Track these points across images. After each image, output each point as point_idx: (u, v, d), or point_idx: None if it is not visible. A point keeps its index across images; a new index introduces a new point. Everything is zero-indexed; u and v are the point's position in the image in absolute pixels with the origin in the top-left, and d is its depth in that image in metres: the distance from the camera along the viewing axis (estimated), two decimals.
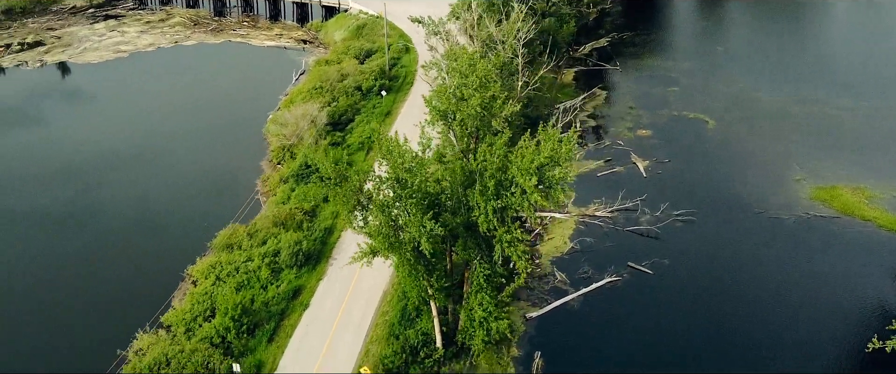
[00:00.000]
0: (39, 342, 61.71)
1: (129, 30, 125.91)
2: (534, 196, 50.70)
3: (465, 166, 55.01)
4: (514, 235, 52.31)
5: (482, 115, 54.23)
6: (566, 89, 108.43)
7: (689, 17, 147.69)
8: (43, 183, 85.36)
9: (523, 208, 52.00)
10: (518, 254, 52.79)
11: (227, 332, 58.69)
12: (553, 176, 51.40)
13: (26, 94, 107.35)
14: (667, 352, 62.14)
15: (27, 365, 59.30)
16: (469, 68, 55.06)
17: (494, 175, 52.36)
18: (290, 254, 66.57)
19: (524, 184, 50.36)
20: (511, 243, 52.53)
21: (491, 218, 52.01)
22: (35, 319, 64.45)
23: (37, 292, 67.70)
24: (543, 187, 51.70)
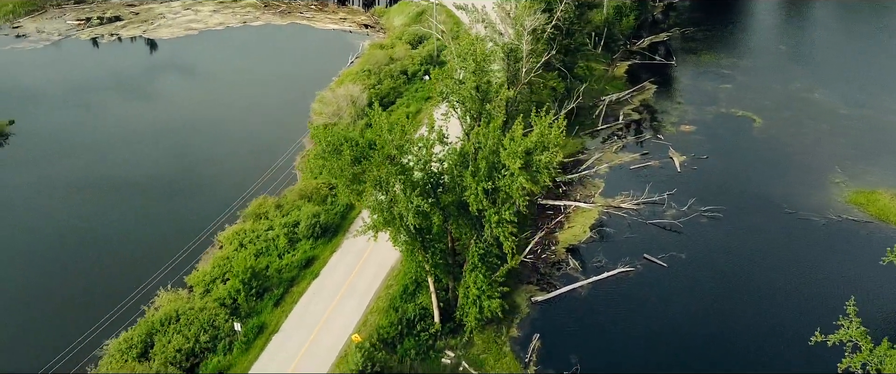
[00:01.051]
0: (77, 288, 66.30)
1: (203, 9, 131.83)
2: (519, 179, 52.07)
3: (463, 148, 56.81)
4: (503, 216, 53.83)
5: (478, 98, 55.72)
6: (616, 82, 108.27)
7: (762, 15, 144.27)
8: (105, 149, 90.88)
9: (512, 191, 53.40)
10: (505, 235, 54.32)
11: (237, 294, 62.15)
12: (540, 160, 52.55)
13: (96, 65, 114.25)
14: (663, 343, 62.44)
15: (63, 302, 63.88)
16: (468, 52, 56.58)
17: (487, 157, 53.95)
18: (307, 226, 69.64)
19: (511, 166, 51.77)
20: (499, 224, 54.11)
21: (481, 198, 53.62)
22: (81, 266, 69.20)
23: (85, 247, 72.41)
24: (530, 170, 52.97)
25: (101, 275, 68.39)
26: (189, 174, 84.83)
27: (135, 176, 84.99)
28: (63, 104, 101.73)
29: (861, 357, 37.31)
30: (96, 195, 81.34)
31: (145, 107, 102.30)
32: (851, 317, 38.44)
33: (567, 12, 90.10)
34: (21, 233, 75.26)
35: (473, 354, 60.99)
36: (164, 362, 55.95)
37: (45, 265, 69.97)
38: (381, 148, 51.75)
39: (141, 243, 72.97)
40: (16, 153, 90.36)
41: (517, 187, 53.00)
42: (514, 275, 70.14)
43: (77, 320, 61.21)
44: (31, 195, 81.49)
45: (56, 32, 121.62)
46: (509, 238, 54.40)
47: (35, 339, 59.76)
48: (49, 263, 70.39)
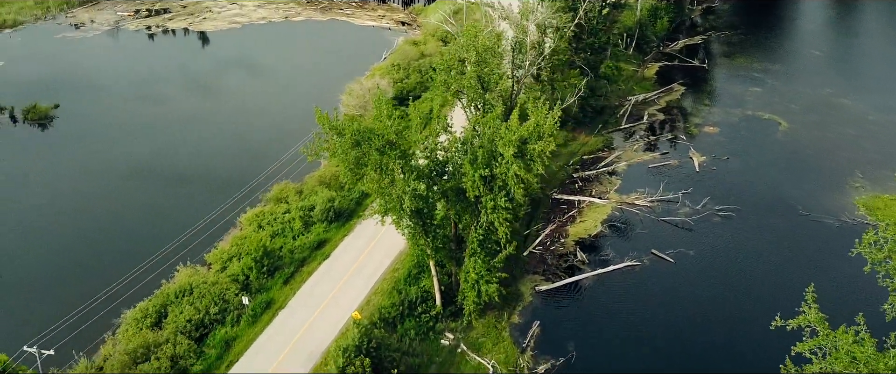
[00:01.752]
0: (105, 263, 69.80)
1: (248, 4, 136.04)
2: (513, 166, 53.90)
3: (466, 136, 58.81)
4: (498, 202, 55.73)
5: (480, 87, 57.68)
6: (645, 83, 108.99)
7: (802, 20, 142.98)
8: (145, 132, 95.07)
9: (508, 178, 55.24)
10: (500, 220, 56.21)
11: (249, 271, 65.09)
12: (534, 149, 54.28)
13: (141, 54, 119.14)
14: (660, 334, 63.62)
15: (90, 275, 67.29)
16: (470, 43, 58.52)
17: (484, 145, 55.89)
18: (322, 210, 72.37)
19: (505, 153, 53.64)
20: (494, 209, 56.01)
21: (478, 184, 55.56)
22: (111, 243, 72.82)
23: (117, 225, 76.14)
24: (525, 158, 54.74)
25: (128, 252, 71.72)
26: (220, 158, 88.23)
27: (170, 159, 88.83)
28: (107, 90, 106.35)
29: (817, 341, 38.27)
30: (132, 176, 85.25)
31: (186, 93, 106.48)
32: (809, 303, 39.37)
33: (592, 12, 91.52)
34: (57, 210, 79.39)
35: (472, 337, 62.90)
36: (174, 331, 59.00)
37: (80, 240, 73.90)
38: (381, 134, 54.09)
39: (169, 222, 76.13)
40: (58, 135, 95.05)
41: (512, 175, 54.90)
42: (521, 265, 72.03)
43: (101, 292, 64.66)
44: (72, 175, 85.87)
45: (107, 23, 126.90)
46: (503, 224, 56.29)
47: (62, 309, 62.95)
48: (83, 238, 74.30)
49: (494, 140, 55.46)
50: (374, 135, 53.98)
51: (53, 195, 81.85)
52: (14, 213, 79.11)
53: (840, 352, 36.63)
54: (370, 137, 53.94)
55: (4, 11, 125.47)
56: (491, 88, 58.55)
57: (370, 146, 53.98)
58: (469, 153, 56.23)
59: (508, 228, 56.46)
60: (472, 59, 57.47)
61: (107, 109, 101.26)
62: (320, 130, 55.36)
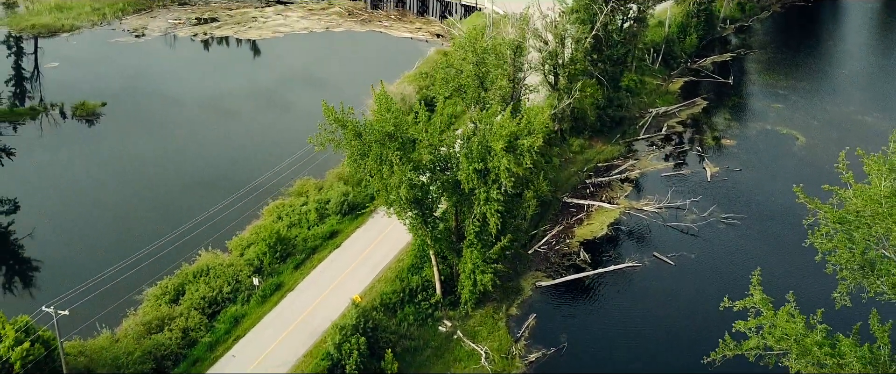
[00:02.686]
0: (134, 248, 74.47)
1: (292, 14, 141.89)
2: (503, 159, 57.24)
3: (465, 132, 62.36)
4: (490, 194, 59.08)
5: (477, 86, 61.24)
6: (668, 96, 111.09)
7: (835, 40, 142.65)
8: (185, 127, 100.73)
9: (500, 172, 58.56)
10: (492, 212, 59.50)
11: (264, 256, 69.38)
12: (522, 143, 57.56)
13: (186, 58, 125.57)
14: (649, 329, 66.17)
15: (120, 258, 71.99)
16: (470, 45, 62.20)
17: (480, 140, 59.32)
18: (336, 203, 76.50)
19: (495, 147, 57.05)
20: (487, 201, 59.35)
21: (472, 177, 58.98)
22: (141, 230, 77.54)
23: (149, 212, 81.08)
24: (515, 153, 58.03)
25: (156, 236, 76.42)
26: (249, 154, 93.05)
27: (205, 154, 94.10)
28: (154, 90, 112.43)
29: (758, 320, 40.63)
30: (167, 169, 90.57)
31: (226, 94, 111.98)
32: (755, 286, 41.81)
33: (612, 25, 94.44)
34: (93, 197, 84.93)
35: (469, 325, 66.12)
36: (190, 306, 63.48)
37: (112, 225, 79.14)
38: (382, 126, 58.01)
39: (198, 211, 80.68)
40: (103, 130, 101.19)
41: (503, 168, 58.23)
42: (525, 262, 75.10)
43: (129, 271, 69.34)
44: (111, 165, 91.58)
45: (158, 29, 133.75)
46: (495, 215, 59.57)
47: (91, 284, 67.72)
48: (115, 223, 79.51)
49: (486, 135, 59.00)
50: (373, 127, 57.96)
51: (92, 183, 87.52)
52: (56, 197, 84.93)
53: (776, 329, 39.02)
54: (370, 129, 57.95)
55: (63, 17, 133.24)
56: (488, 86, 61.98)
57: (370, 137, 57.97)
58: (464, 147, 59.74)
59: (499, 219, 59.70)
60: (471, 59, 61.02)
61: (152, 107, 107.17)
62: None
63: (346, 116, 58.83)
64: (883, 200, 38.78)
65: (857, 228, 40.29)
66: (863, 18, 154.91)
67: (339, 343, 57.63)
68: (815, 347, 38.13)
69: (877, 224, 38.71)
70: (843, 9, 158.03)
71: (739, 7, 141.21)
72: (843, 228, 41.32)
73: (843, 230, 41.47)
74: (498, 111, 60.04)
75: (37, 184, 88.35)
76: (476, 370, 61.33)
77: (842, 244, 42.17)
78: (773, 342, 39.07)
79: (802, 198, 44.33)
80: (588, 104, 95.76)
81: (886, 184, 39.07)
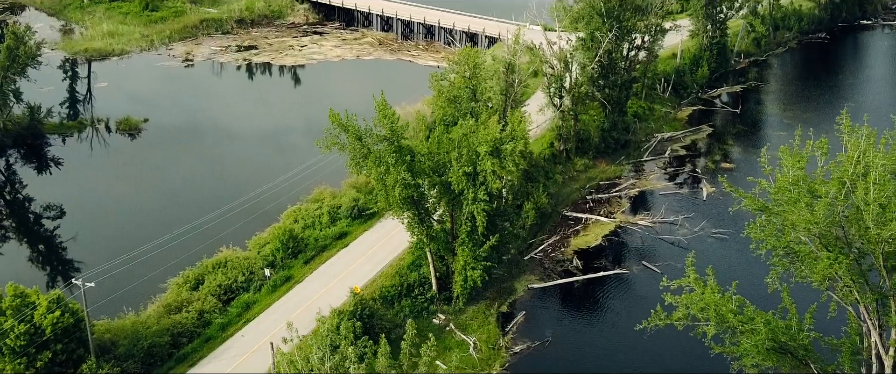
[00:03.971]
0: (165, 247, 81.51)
1: (326, 43, 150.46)
2: (487, 162, 63.40)
3: (456, 138, 68.70)
4: (477, 195, 65.14)
5: (469, 97, 67.70)
6: (675, 123, 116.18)
7: (845, 74, 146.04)
8: (218, 142, 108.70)
9: (486, 174, 64.68)
10: (478, 211, 65.49)
11: (277, 252, 76.12)
12: (506, 148, 63.70)
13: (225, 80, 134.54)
14: (630, 327, 70.92)
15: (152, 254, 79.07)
16: (464, 60, 68.77)
17: (469, 145, 65.63)
18: (347, 207, 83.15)
19: (480, 151, 63.27)
20: (474, 201, 65.40)
21: (461, 179, 65.18)
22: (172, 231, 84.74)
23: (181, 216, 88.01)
24: (499, 157, 64.18)
25: (184, 237, 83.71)
26: (274, 166, 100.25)
27: (236, 166, 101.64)
28: (193, 108, 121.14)
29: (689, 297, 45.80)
30: (199, 177, 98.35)
31: (260, 113, 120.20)
32: (689, 266, 47.10)
33: (616, 53, 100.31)
34: (131, 202, 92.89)
35: (462, 319, 71.77)
36: (207, 293, 70.36)
37: (144, 226, 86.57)
38: (380, 130, 64.68)
39: (223, 214, 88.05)
40: (144, 143, 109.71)
41: (488, 171, 64.38)
42: (521, 266, 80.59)
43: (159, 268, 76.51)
44: (148, 174, 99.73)
45: (202, 55, 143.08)
46: (481, 214, 65.54)
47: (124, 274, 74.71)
48: (147, 224, 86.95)
49: (473, 141, 65.35)
50: (371, 131, 64.67)
51: (130, 188, 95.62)
52: (96, 200, 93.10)
53: (700, 300, 44.35)
54: (369, 132, 64.66)
55: (114, 42, 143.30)
56: (479, 97, 68.42)
57: (369, 140, 64.66)
58: (455, 151, 66.04)
59: (485, 218, 65.66)
60: (465, 74, 67.59)
61: (190, 123, 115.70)
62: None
63: (348, 122, 65.66)
64: (790, 186, 43.93)
65: (775, 214, 45.42)
66: (880, 52, 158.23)
67: (336, 326, 63.64)
68: (730, 314, 43.30)
69: (788, 210, 43.82)
70: (862, 43, 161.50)
71: (755, 43, 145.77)
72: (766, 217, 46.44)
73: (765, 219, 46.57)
74: (486, 121, 66.28)
75: (81, 189, 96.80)
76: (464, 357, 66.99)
77: (769, 233, 47.28)
78: (697, 312, 44.30)
79: (728, 188, 49.54)
80: (592, 126, 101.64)
81: (794, 172, 44.13)
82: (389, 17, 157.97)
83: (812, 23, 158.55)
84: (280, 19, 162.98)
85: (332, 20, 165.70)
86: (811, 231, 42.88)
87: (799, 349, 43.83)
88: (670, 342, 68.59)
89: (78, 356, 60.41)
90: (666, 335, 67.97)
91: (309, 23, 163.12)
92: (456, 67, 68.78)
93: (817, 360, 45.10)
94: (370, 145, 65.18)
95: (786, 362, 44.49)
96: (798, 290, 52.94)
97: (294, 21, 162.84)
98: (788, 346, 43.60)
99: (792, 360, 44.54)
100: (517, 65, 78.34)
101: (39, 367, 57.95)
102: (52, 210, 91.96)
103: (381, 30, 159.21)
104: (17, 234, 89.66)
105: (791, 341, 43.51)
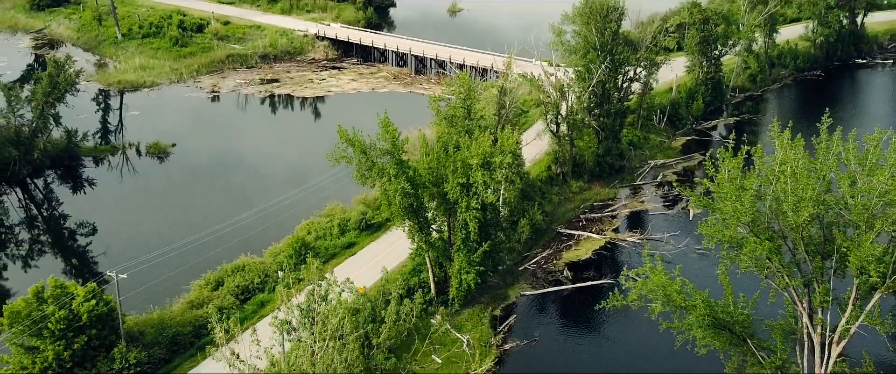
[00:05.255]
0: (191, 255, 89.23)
1: (344, 77, 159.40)
2: (478, 174, 70.74)
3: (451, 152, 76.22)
4: (470, 204, 72.40)
5: (465, 116, 75.36)
6: (669, 151, 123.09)
7: (838, 108, 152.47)
8: (241, 165, 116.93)
9: (478, 186, 72.00)
10: (471, 218, 72.70)
11: (289, 259, 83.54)
12: (495, 161, 71.08)
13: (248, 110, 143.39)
14: (612, 330, 77.82)
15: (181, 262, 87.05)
16: (459, 83, 76.50)
17: (463, 159, 73.09)
18: (356, 220, 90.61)
19: (472, 163, 70.67)
20: (467, 209, 72.64)
21: (455, 189, 72.51)
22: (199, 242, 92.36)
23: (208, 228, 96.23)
24: (489, 168, 71.53)
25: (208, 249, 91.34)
26: (292, 185, 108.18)
27: (257, 185, 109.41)
28: (218, 134, 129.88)
29: (646, 283, 52.65)
30: (223, 196, 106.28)
31: (276, 138, 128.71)
32: (645, 256, 53.98)
33: (610, 83, 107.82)
34: (163, 213, 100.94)
35: (458, 320, 78.55)
36: (226, 292, 77.77)
37: (171, 238, 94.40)
38: (382, 144, 72.33)
39: (246, 228, 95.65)
40: (172, 165, 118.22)
41: (480, 181, 71.71)
42: (515, 276, 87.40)
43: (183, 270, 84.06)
44: (176, 191, 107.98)
45: (226, 88, 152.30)
46: (473, 221, 72.75)
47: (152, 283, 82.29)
48: (174, 236, 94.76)
49: (466, 155, 72.83)
50: (375, 145, 72.34)
51: (158, 206, 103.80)
52: (128, 215, 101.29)
53: (650, 282, 51.22)
54: (373, 146, 72.33)
55: (145, 75, 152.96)
56: (474, 116, 76.06)
57: (374, 153, 72.31)
58: (451, 164, 73.50)
59: (477, 224, 72.82)
60: (461, 94, 75.32)
61: (216, 147, 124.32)
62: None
63: (355, 137, 73.39)
64: (726, 182, 50.91)
65: (718, 210, 52.38)
66: (874, 90, 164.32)
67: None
68: (674, 293, 50.09)
69: (722, 204, 50.77)
70: (856, 81, 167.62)
71: (751, 79, 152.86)
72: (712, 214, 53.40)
73: (713, 216, 53.53)
74: (478, 137, 73.77)
75: (113, 204, 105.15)
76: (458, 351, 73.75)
77: (715, 230, 54.20)
78: (647, 292, 51.13)
79: (677, 187, 56.41)
80: (588, 152, 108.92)
81: (728, 170, 51.15)
82: (404, 53, 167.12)
83: (808, 61, 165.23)
84: (301, 55, 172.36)
85: (350, 56, 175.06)
86: (741, 220, 49.71)
87: (736, 325, 50.46)
88: (645, 341, 75.56)
89: (110, 341, 67.86)
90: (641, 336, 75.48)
91: (328, 58, 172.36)
92: (453, 89, 76.47)
93: (755, 336, 51.68)
94: (374, 158, 72.74)
95: (725, 336, 51.10)
96: (746, 280, 59.97)
97: (314, 57, 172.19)
98: (726, 322, 50.25)
99: (730, 335, 51.15)
100: (509, 88, 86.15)
101: (76, 349, 65.25)
102: (86, 227, 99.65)
103: (396, 65, 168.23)
104: (54, 244, 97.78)
105: (728, 317, 50.14)
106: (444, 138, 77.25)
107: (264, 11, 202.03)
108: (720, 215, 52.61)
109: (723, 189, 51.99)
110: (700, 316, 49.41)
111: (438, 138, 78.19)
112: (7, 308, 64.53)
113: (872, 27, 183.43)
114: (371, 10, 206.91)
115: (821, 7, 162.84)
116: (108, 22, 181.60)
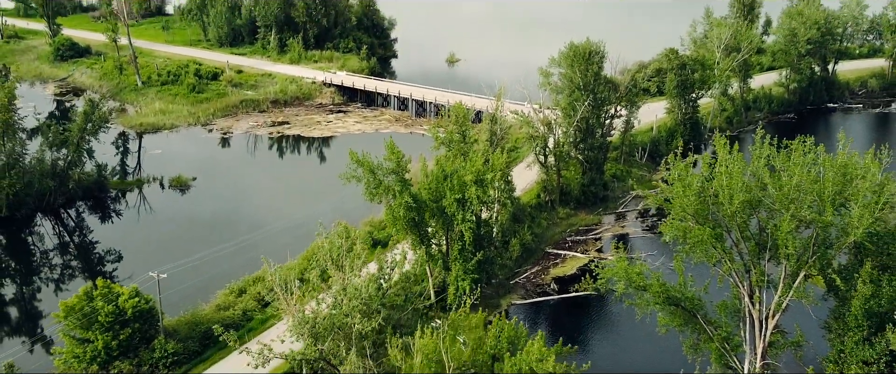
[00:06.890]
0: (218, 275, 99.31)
1: (349, 120, 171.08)
2: (472, 190, 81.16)
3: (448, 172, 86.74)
4: (465, 216, 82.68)
5: (460, 140, 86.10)
6: (650, 183, 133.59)
7: None
8: (259, 198, 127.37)
9: (472, 200, 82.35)
10: (466, 229, 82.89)
11: (303, 271, 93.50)
12: (487, 178, 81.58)
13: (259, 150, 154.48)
14: (592, 332, 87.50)
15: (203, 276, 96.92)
16: (455, 112, 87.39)
17: (459, 177, 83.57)
18: (363, 239, 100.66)
19: (466, 179, 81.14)
20: (463, 221, 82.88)
21: (452, 203, 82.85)
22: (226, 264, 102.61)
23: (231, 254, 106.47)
24: (482, 185, 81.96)
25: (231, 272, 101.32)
26: (306, 211, 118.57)
27: (275, 214, 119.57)
28: (234, 170, 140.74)
29: (608, 269, 62.73)
30: (243, 221, 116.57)
31: (287, 172, 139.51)
32: (613, 248, 64.05)
33: (593, 119, 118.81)
34: (186, 237, 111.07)
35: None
36: (249, 298, 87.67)
37: (197, 258, 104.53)
38: (388, 164, 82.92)
39: (264, 247, 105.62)
40: (193, 197, 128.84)
41: (473, 197, 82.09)
42: (507, 288, 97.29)
43: (210, 280, 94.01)
44: (201, 220, 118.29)
45: (239, 129, 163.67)
46: (468, 231, 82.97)
47: (183, 288, 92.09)
48: (200, 257, 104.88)
49: (461, 173, 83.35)
50: (382, 166, 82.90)
51: (182, 232, 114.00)
52: (155, 241, 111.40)
53: (616, 268, 61.35)
54: (380, 166, 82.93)
55: (165, 118, 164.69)
56: (468, 140, 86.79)
57: (380, 173, 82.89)
58: (448, 181, 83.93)
59: (472, 234, 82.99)
60: (456, 121, 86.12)
61: (233, 181, 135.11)
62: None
63: (364, 158, 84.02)
64: (675, 182, 61.34)
65: (672, 208, 62.69)
66: (846, 130, 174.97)
67: None
68: (634, 275, 60.18)
69: (675, 201, 61.11)
70: (827, 123, 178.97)
71: (727, 121, 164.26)
72: (670, 212, 63.68)
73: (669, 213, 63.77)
74: (472, 157, 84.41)
75: (140, 228, 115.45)
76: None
77: (672, 227, 64.41)
78: (612, 274, 61.24)
79: (636, 188, 66.82)
80: (574, 181, 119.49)
81: (676, 171, 61.58)
82: (405, 97, 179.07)
83: (781, 104, 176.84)
84: (309, 100, 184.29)
85: (354, 101, 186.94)
86: (688, 212, 59.99)
87: (686, 301, 60.43)
88: (625, 345, 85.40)
89: (150, 335, 77.68)
90: (623, 339, 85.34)
91: (334, 103, 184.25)
92: (450, 117, 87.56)
93: (703, 311, 61.64)
94: (381, 177, 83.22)
95: (678, 312, 61.03)
96: (701, 273, 69.93)
97: (321, 102, 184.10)
98: (677, 298, 60.26)
99: (682, 311, 61.08)
100: (499, 118, 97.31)
101: (121, 340, 74.97)
102: (112, 255, 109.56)
103: (398, 109, 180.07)
104: (83, 269, 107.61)
105: (679, 294, 60.16)
106: (443, 163, 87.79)
107: (275, 61, 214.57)
108: (672, 209, 62.82)
109: (674, 188, 62.39)
110: (656, 294, 59.44)
111: (437, 162, 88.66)
112: (62, 303, 74.49)
113: (844, 74, 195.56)
114: (374, 59, 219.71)
115: (793, 55, 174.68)
116: (128, 71, 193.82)
